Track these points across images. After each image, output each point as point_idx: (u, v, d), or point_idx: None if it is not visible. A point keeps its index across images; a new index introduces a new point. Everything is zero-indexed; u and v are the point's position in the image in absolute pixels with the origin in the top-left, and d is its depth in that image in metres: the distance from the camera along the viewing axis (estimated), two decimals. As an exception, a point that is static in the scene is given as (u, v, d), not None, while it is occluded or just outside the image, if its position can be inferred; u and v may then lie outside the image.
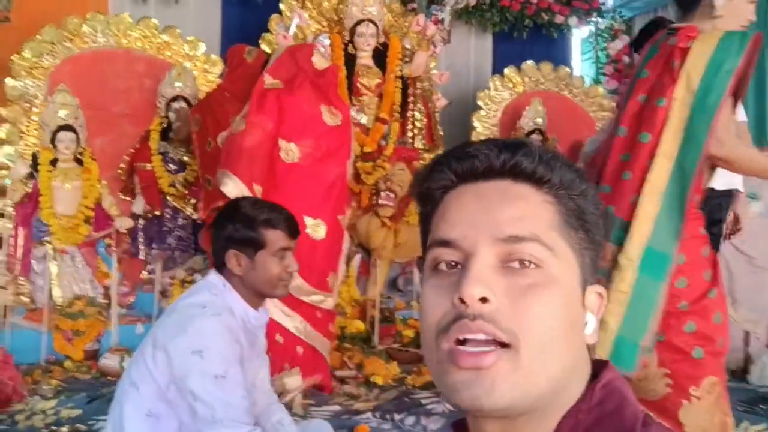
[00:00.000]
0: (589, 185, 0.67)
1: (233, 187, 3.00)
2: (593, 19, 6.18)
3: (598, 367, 0.66)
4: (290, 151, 3.07)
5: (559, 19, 5.91)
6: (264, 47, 4.70)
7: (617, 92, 6.11)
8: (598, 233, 0.68)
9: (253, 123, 3.08)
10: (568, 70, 5.75)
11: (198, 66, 4.67)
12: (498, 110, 5.32)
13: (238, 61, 3.62)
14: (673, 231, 1.89)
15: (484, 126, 5.28)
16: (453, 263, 0.63)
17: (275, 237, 1.80)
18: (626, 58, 6.20)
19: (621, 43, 6.22)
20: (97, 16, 4.46)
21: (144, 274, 4.22)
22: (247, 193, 3.01)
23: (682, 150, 1.87)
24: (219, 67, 4.64)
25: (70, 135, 4.02)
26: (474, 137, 5.25)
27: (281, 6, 4.75)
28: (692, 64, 1.86)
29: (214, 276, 1.83)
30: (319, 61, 3.39)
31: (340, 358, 3.71)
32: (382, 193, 4.26)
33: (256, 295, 1.83)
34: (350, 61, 4.55)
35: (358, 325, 3.95)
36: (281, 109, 3.13)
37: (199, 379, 1.60)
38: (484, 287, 0.59)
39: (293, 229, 1.87)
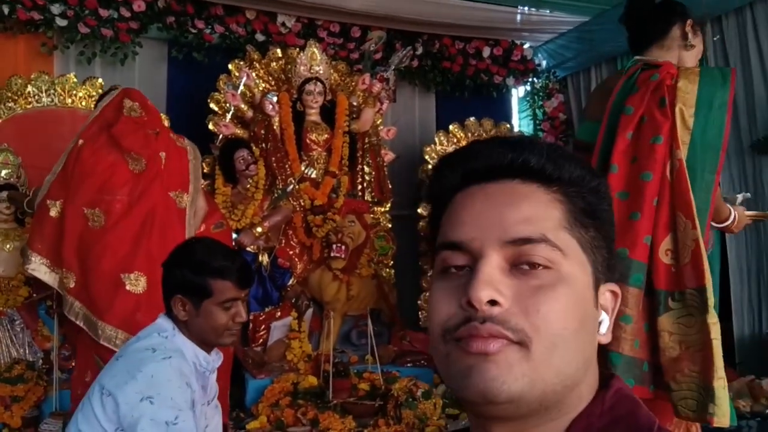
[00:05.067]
0: (601, 181, 0.66)
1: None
2: (529, 79, 6.48)
3: (604, 379, 0.66)
4: (96, 217, 2.88)
5: (497, 79, 6.18)
6: (212, 106, 4.76)
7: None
8: (611, 230, 0.67)
9: (43, 206, 2.98)
10: (508, 126, 5.99)
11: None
12: (444, 164, 5.46)
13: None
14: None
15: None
16: (461, 265, 0.62)
17: (223, 287, 1.76)
18: (562, 115, 6.51)
19: (556, 101, 6.54)
20: (42, 76, 4.44)
21: (87, 337, 4.06)
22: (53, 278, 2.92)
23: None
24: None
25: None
26: (422, 190, 5.38)
27: (230, 66, 4.84)
28: (682, 100, 1.88)
29: (162, 319, 1.79)
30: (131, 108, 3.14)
31: (293, 415, 3.63)
32: (334, 246, 4.28)
33: (202, 342, 1.80)
34: (299, 117, 4.65)
35: (311, 380, 3.88)
36: (72, 173, 2.96)
37: (149, 426, 1.54)
38: (493, 290, 0.59)
39: (245, 279, 1.83)
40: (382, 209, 5.05)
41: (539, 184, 0.64)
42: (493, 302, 0.59)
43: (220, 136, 4.59)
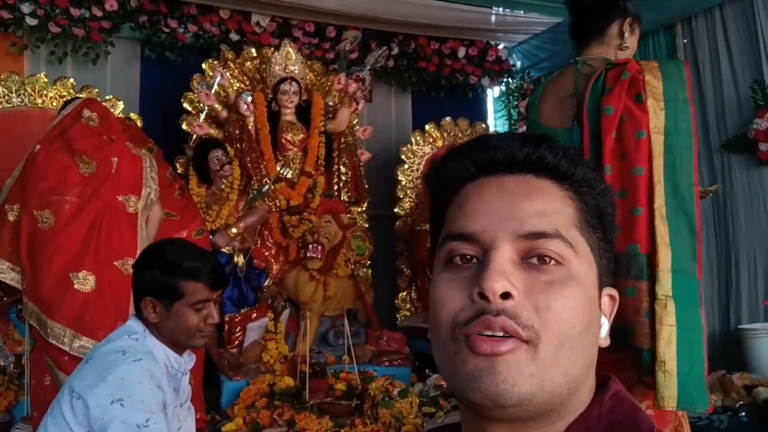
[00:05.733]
0: (608, 186, 0.67)
1: None
2: (504, 79, 6.53)
3: (601, 380, 0.65)
4: (45, 218, 2.93)
5: (472, 79, 6.23)
6: (186, 106, 4.72)
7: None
8: (613, 235, 0.67)
9: (2, 211, 3.04)
10: (483, 125, 6.03)
11: (117, 125, 4.59)
12: (420, 163, 5.49)
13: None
14: (691, 252, 1.87)
15: (407, 178, 5.43)
16: (468, 257, 0.61)
17: (195, 289, 1.75)
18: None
19: (531, 101, 6.60)
20: (12, 76, 4.37)
21: (59, 341, 3.99)
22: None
23: (669, 174, 1.88)
24: (138, 125, 4.60)
25: (-21, 196, 3.85)
26: (398, 190, 5.39)
27: (203, 66, 4.81)
28: (652, 95, 1.91)
29: (133, 321, 1.78)
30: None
31: (269, 416, 3.61)
32: (310, 246, 4.27)
33: (173, 344, 1.78)
34: (274, 117, 4.63)
35: (288, 381, 3.86)
36: (28, 178, 3.02)
37: (119, 428, 1.53)
38: (506, 282, 0.58)
39: (217, 281, 1.82)
40: (359, 209, 5.06)
41: (552, 180, 0.63)
42: (505, 295, 0.58)
43: (194, 137, 4.55)
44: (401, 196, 5.38)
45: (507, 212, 0.61)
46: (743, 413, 3.49)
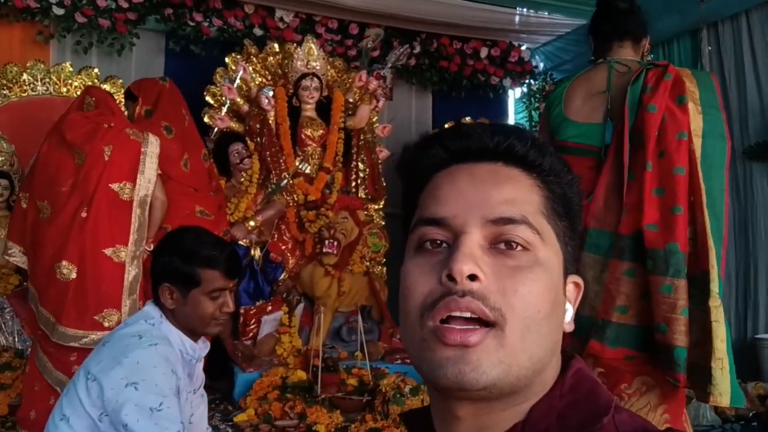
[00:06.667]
0: (575, 177, 0.68)
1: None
2: (526, 80, 6.50)
3: (565, 360, 0.67)
4: (45, 209, 2.99)
5: (494, 80, 6.20)
6: (208, 99, 4.76)
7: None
8: (579, 224, 0.69)
9: (19, 198, 3.17)
10: (504, 126, 6.00)
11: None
12: (438, 163, 5.47)
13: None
14: (718, 256, 1.89)
15: (425, 177, 5.42)
16: (439, 242, 0.63)
17: (212, 277, 1.77)
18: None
19: (553, 103, 6.55)
20: (37, 64, 4.44)
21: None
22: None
23: (704, 177, 1.90)
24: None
25: (3, 182, 3.94)
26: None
27: (226, 59, 4.84)
28: (691, 98, 1.94)
29: (150, 306, 1.80)
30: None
31: (281, 408, 3.64)
32: (326, 242, 4.29)
33: (189, 330, 1.80)
34: (294, 113, 4.66)
35: (300, 375, 3.89)
36: (34, 167, 3.12)
37: (133, 411, 1.55)
38: (474, 265, 0.59)
39: (233, 269, 1.83)
40: (376, 206, 5.06)
41: (521, 169, 0.65)
42: (473, 277, 0.59)
43: (215, 129, 4.60)
44: (419, 195, 5.38)
45: (477, 199, 0.62)
46: (755, 423, 3.46)
